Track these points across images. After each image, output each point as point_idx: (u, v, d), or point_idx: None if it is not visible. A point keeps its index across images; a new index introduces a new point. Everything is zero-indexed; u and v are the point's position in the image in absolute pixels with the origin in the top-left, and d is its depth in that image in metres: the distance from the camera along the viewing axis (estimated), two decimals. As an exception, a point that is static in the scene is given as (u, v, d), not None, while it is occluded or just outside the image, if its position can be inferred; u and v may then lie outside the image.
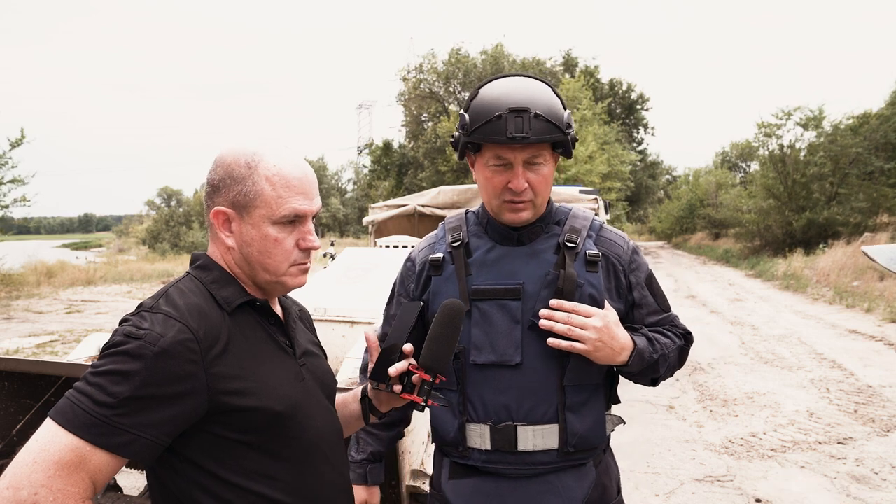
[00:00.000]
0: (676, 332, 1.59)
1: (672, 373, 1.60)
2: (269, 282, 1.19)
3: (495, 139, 1.39)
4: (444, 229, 1.62)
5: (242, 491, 1.10)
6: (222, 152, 1.17)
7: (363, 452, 1.66)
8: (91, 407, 0.98)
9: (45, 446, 0.96)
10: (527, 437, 1.44)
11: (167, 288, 1.15)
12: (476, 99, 1.45)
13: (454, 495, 1.52)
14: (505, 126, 1.37)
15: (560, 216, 1.56)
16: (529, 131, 1.37)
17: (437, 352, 1.22)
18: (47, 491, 0.93)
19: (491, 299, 1.47)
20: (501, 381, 1.45)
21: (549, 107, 1.41)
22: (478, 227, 1.57)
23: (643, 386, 1.62)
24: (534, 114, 1.37)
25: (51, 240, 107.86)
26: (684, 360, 1.62)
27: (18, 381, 2.68)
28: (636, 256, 1.57)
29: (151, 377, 1.00)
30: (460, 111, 1.51)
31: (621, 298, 1.54)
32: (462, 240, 1.55)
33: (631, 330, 1.50)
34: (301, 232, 1.18)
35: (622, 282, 1.53)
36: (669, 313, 1.60)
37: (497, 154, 1.42)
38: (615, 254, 1.53)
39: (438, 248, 1.58)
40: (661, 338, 1.54)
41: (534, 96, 1.41)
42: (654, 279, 1.60)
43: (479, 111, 1.42)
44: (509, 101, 1.39)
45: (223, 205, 1.15)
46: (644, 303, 1.56)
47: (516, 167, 1.42)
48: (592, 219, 1.56)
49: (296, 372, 1.21)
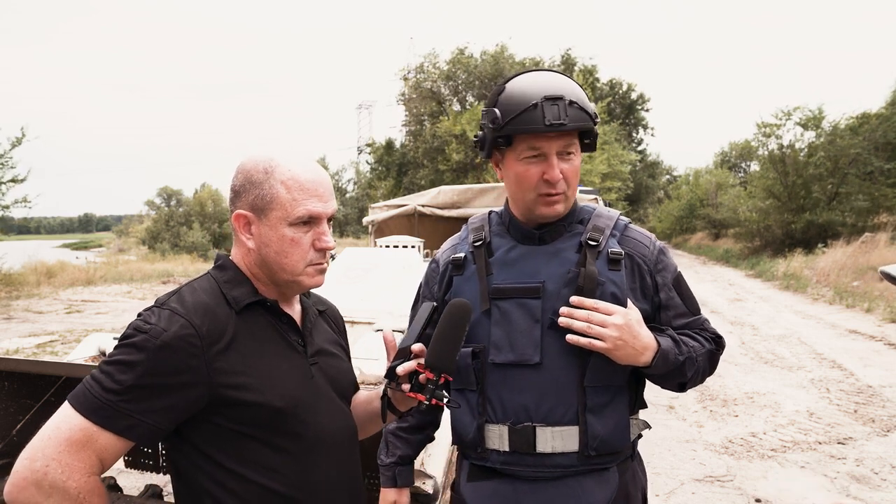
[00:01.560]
0: (706, 335, 1.53)
1: (703, 378, 1.53)
2: (287, 281, 1.25)
3: (532, 128, 1.37)
4: (467, 230, 1.61)
5: (243, 480, 1.17)
6: (243, 160, 1.25)
7: (392, 456, 1.64)
8: (100, 392, 1.08)
9: (59, 425, 1.08)
10: (546, 438, 1.41)
11: (183, 285, 1.24)
12: (504, 93, 1.43)
13: (472, 498, 1.49)
14: (542, 114, 1.36)
15: (584, 215, 1.53)
16: (566, 118, 1.36)
17: (442, 351, 1.23)
18: (56, 464, 1.05)
19: (511, 298, 1.45)
20: (521, 380, 1.43)
21: (580, 96, 1.41)
22: (500, 226, 1.56)
23: (670, 391, 1.56)
24: (569, 101, 1.37)
25: (51, 240, 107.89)
26: (715, 366, 1.56)
27: (18, 381, 2.68)
28: (663, 257, 1.52)
29: (153, 368, 1.10)
30: (483, 109, 1.48)
31: (647, 299, 1.49)
32: (484, 239, 1.53)
33: (656, 331, 1.44)
34: (316, 233, 1.24)
35: (647, 282, 1.49)
36: (699, 316, 1.54)
37: (532, 145, 1.40)
38: (640, 254, 1.49)
39: (461, 248, 1.57)
40: (688, 340, 1.48)
41: (566, 86, 1.41)
42: (682, 280, 1.54)
43: (512, 102, 1.40)
44: (544, 89, 1.38)
45: (243, 208, 1.23)
46: (671, 304, 1.50)
47: (551, 157, 1.40)
48: (617, 218, 1.53)
49: (305, 370, 1.26)
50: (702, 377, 1.53)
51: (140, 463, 3.21)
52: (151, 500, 2.81)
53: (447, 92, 28.50)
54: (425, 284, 1.64)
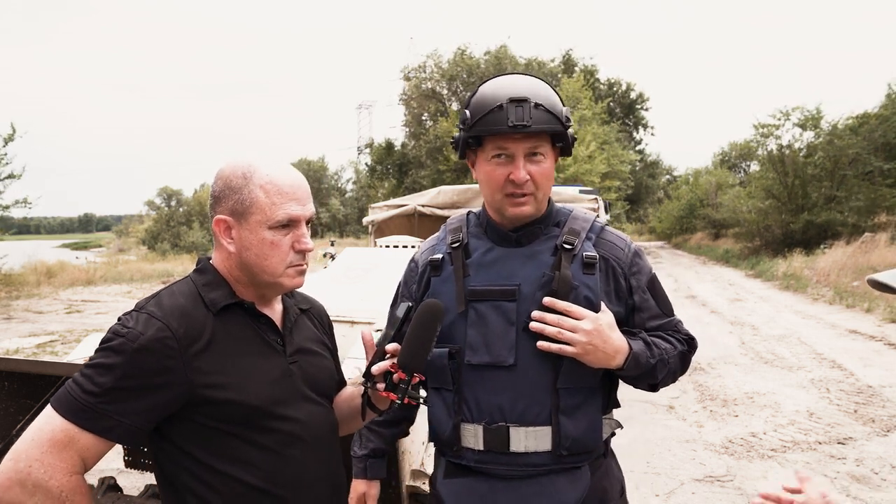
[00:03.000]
0: (679, 337, 1.57)
1: (674, 379, 1.57)
2: (268, 283, 1.29)
3: (496, 129, 1.41)
4: (445, 231, 1.63)
5: (222, 475, 1.21)
6: (222, 166, 1.29)
7: (365, 448, 1.70)
8: (80, 395, 1.12)
9: (41, 427, 1.12)
10: (519, 438, 1.44)
11: (162, 289, 1.28)
12: (476, 95, 1.48)
13: (448, 494, 1.52)
14: (506, 115, 1.39)
15: (560, 217, 1.55)
16: (530, 120, 1.39)
17: (413, 352, 1.25)
18: (39, 464, 1.09)
19: (487, 300, 1.47)
20: (495, 381, 1.45)
21: (548, 98, 1.44)
22: (478, 228, 1.58)
23: (642, 390, 1.59)
24: (534, 104, 1.40)
25: (51, 240, 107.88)
26: (687, 366, 1.60)
27: (18, 381, 2.68)
28: (637, 259, 1.55)
29: (131, 370, 1.14)
30: (461, 109, 1.52)
31: (621, 301, 1.52)
32: (461, 241, 1.55)
33: (629, 334, 1.48)
34: (296, 235, 1.28)
35: (622, 284, 1.51)
36: (672, 318, 1.58)
37: (498, 145, 1.44)
38: (615, 256, 1.52)
39: (438, 250, 1.59)
40: (660, 342, 1.51)
41: (533, 89, 1.44)
42: (656, 283, 1.58)
43: (480, 104, 1.45)
44: (509, 91, 1.42)
45: (223, 213, 1.26)
46: (645, 306, 1.53)
47: (517, 159, 1.43)
48: (593, 221, 1.55)
49: (283, 369, 1.30)
50: (673, 377, 1.57)
51: (140, 463, 3.21)
52: (151, 500, 2.81)
53: (447, 92, 28.50)
54: (404, 285, 1.66)
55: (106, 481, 2.94)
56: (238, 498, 1.22)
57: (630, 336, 1.48)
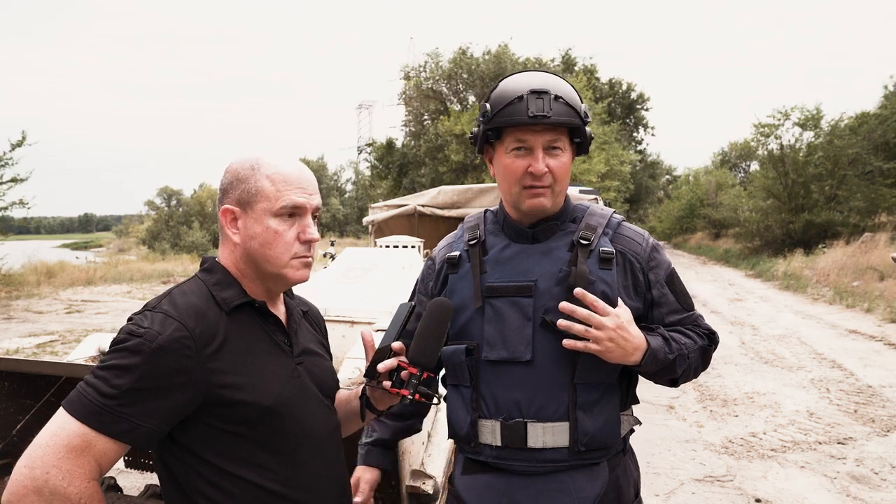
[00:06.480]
0: (699, 331, 1.55)
1: (696, 374, 1.56)
2: (272, 274, 1.27)
3: (516, 120, 1.42)
4: (462, 228, 1.64)
5: (235, 478, 1.20)
6: (231, 161, 1.29)
7: (369, 437, 1.72)
8: (96, 397, 1.09)
9: (56, 432, 1.08)
10: (536, 434, 1.43)
11: (172, 289, 1.25)
12: (497, 89, 1.49)
13: (466, 490, 1.53)
14: (526, 106, 1.41)
15: (577, 214, 1.55)
16: (550, 111, 1.41)
17: (424, 347, 1.26)
18: (57, 471, 1.05)
19: (504, 296, 1.48)
20: (513, 377, 1.45)
21: (568, 93, 1.46)
22: (495, 225, 1.59)
23: (662, 386, 1.58)
24: (554, 95, 1.42)
25: (51, 240, 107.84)
26: (708, 361, 1.58)
27: (18, 381, 2.68)
28: (656, 254, 1.54)
29: (149, 371, 1.11)
30: (481, 103, 1.52)
31: (639, 297, 1.51)
32: (479, 238, 1.56)
33: (647, 329, 1.46)
34: (301, 225, 1.27)
35: (640, 279, 1.50)
36: (692, 312, 1.56)
37: (518, 138, 1.44)
38: (632, 251, 1.51)
39: (456, 247, 1.61)
40: (680, 338, 1.49)
41: (554, 83, 1.46)
42: (675, 277, 1.56)
43: (500, 96, 1.46)
44: (530, 84, 1.44)
45: (230, 203, 1.26)
46: (664, 301, 1.52)
47: (536, 151, 1.44)
48: (610, 216, 1.55)
49: (291, 370, 1.29)
50: (695, 373, 1.56)
51: (140, 463, 3.21)
52: (151, 500, 2.81)
53: (448, 92, 28.49)
54: (422, 282, 1.68)
55: (106, 481, 2.94)
56: (254, 502, 1.21)
57: (648, 332, 1.46)
